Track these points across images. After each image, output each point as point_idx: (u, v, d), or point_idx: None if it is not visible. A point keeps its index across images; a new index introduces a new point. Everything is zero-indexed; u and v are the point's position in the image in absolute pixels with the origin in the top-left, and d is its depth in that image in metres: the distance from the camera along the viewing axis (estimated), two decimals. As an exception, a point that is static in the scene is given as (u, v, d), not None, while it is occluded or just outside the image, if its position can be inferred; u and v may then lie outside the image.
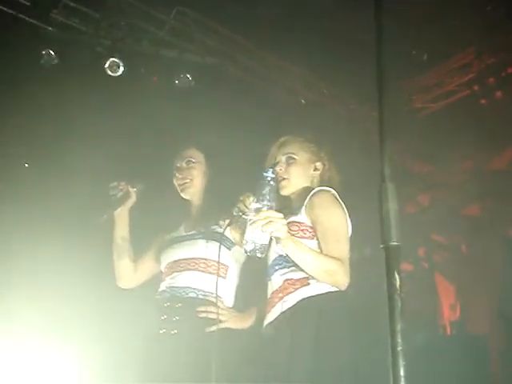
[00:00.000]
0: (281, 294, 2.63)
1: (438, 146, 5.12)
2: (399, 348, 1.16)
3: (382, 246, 1.26)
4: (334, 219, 2.64)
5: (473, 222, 5.52)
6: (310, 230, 2.66)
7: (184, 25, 4.57)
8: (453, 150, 5.16)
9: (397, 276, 1.20)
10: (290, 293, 2.60)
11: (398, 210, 2.18)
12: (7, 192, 4.35)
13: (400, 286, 1.20)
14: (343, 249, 2.55)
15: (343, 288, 2.52)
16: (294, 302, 2.57)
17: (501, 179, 5.19)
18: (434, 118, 5.09)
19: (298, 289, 2.58)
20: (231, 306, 3.00)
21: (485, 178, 5.30)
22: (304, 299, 2.56)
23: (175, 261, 3.06)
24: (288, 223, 2.50)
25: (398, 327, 1.18)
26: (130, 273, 3.23)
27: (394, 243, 1.25)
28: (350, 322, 2.55)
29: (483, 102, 4.81)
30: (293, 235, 2.54)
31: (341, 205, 2.69)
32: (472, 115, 4.89)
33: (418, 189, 5.67)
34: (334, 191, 2.73)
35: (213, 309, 2.84)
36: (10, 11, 4.26)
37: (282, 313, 2.60)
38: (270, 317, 2.66)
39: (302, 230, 2.66)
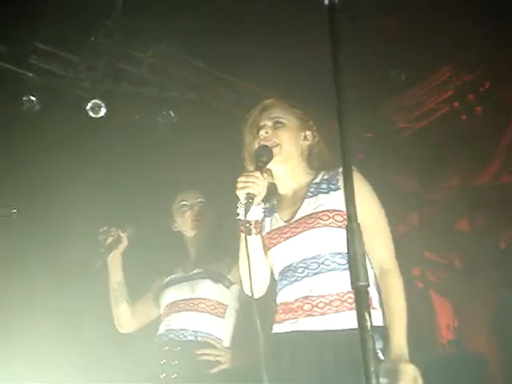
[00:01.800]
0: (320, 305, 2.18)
1: (423, 165, 5.14)
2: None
3: (351, 287, 1.26)
4: (379, 211, 2.27)
5: (464, 237, 5.52)
6: (345, 217, 2.13)
7: (162, 62, 4.60)
8: (438, 167, 5.19)
9: (367, 317, 1.20)
10: (338, 311, 2.16)
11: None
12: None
13: (371, 326, 1.19)
14: (391, 247, 2.23)
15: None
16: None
17: (487, 192, 5.21)
18: (417, 137, 5.11)
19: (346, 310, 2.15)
20: (229, 346, 2.98)
21: (471, 193, 5.31)
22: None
23: (174, 302, 3.05)
24: (323, 212, 2.23)
25: (372, 368, 1.17)
26: (128, 317, 3.22)
27: (363, 283, 1.25)
28: None
29: (464, 117, 4.84)
30: (339, 226, 2.21)
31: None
32: (454, 131, 4.92)
33: (406, 208, 5.68)
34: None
35: (212, 351, 2.83)
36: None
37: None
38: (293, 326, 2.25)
39: (344, 220, 2.19)
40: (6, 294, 4.12)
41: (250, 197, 2.21)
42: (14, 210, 4.78)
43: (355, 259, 1.26)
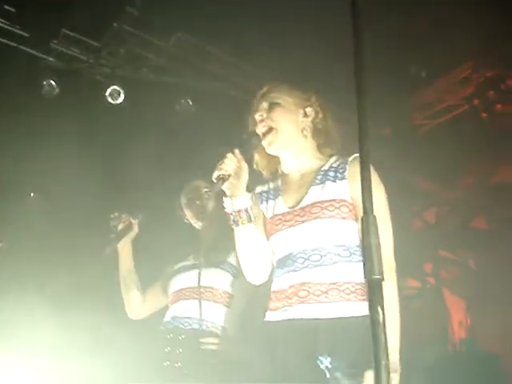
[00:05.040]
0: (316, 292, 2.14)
1: (441, 162, 5.09)
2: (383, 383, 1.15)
3: (364, 279, 1.26)
4: (383, 200, 2.19)
5: (479, 236, 5.49)
6: (351, 208, 2.20)
7: (183, 51, 4.60)
8: (455, 165, 5.15)
9: (380, 311, 1.19)
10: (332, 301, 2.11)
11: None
12: (11, 222, 4.39)
13: (383, 320, 1.19)
14: (388, 232, 2.14)
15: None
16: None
17: (504, 191, 5.17)
18: (435, 134, 5.07)
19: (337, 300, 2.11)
20: (234, 335, 2.98)
21: (488, 191, 5.27)
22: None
23: (181, 289, 3.05)
24: (329, 202, 2.19)
25: (383, 363, 1.16)
26: (138, 304, 3.23)
27: (377, 277, 1.24)
28: None
29: (484, 115, 4.79)
30: (344, 218, 2.18)
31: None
32: (473, 129, 4.88)
33: (422, 205, 5.65)
34: None
35: (216, 340, 2.83)
36: (11, 43, 4.31)
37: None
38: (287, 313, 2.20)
39: (351, 211, 2.19)
40: (18, 277, 4.17)
41: (221, 178, 2.16)
42: (32, 194, 4.86)
43: (370, 252, 1.25)
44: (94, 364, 3.84)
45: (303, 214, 2.25)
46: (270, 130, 2.32)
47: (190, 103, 4.70)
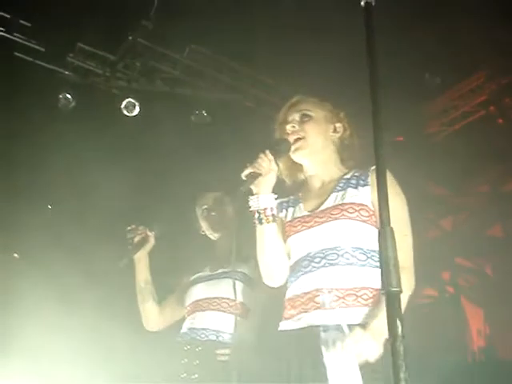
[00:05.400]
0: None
1: (456, 169, 5.07)
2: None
3: (382, 292, 1.26)
4: (402, 208, 2.21)
5: (496, 243, 5.45)
6: (375, 219, 2.21)
7: (197, 63, 4.64)
8: (471, 172, 5.13)
9: (398, 323, 1.19)
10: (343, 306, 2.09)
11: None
12: (30, 234, 4.43)
13: (402, 332, 1.19)
14: (408, 246, 2.16)
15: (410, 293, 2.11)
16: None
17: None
18: (450, 141, 5.06)
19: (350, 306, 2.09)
20: (252, 346, 2.97)
21: (504, 198, 5.23)
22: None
23: (198, 300, 3.06)
24: (349, 205, 2.20)
25: (402, 375, 1.16)
26: (155, 315, 3.23)
27: (395, 289, 1.24)
28: None
29: (499, 121, 4.77)
30: (364, 221, 2.19)
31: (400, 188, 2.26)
32: (488, 136, 4.86)
33: (438, 213, 5.62)
34: None
35: (232, 352, 2.82)
36: (27, 58, 4.37)
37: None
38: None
39: (370, 216, 2.21)
40: (35, 289, 4.20)
41: (252, 175, 2.20)
42: (49, 206, 4.90)
43: (387, 264, 1.25)
44: (111, 376, 3.85)
45: (322, 216, 2.26)
46: (301, 138, 2.36)
47: (205, 114, 4.73)
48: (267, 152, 2.25)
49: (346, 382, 1.87)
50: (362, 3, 1.56)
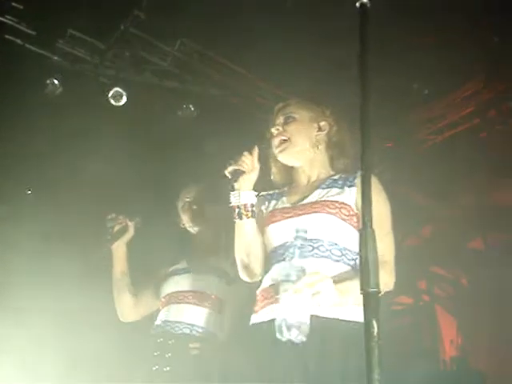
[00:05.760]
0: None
1: (441, 179, 5.11)
2: (375, 398, 1.15)
3: (360, 292, 1.26)
4: (384, 208, 2.26)
5: (474, 255, 5.49)
6: (355, 220, 2.25)
7: (187, 56, 4.61)
8: (455, 182, 5.16)
9: (375, 324, 1.19)
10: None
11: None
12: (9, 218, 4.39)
13: (378, 333, 1.19)
14: (390, 242, 2.21)
15: (390, 289, 2.15)
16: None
17: (503, 213, 5.17)
18: (436, 150, 5.08)
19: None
20: (224, 341, 2.97)
21: (487, 212, 5.27)
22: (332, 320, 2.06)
23: (173, 292, 3.05)
24: (331, 202, 2.24)
25: (376, 376, 1.16)
26: (130, 306, 3.22)
27: (373, 289, 1.24)
28: None
29: (483, 135, 4.81)
30: (343, 219, 2.22)
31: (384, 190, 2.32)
32: (473, 148, 4.89)
33: (419, 221, 5.65)
34: None
35: (206, 346, 2.82)
36: (17, 41, 4.32)
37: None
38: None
39: (351, 216, 2.24)
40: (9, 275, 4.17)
41: (237, 172, 2.26)
42: (29, 192, 4.86)
43: (366, 264, 1.26)
44: (82, 364, 3.83)
45: (303, 208, 2.30)
46: (285, 140, 2.43)
47: (192, 108, 4.72)
48: (254, 148, 2.31)
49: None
50: (358, 4, 1.56)
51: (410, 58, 4.26)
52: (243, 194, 2.30)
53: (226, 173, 2.28)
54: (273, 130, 2.47)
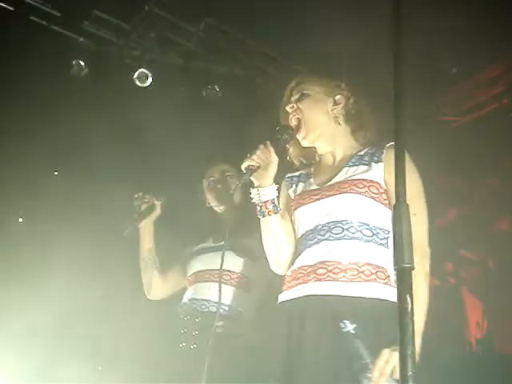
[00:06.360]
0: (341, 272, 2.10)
1: (467, 160, 5.04)
2: (409, 373, 1.14)
3: (394, 267, 1.24)
4: (418, 187, 2.20)
5: (502, 237, 5.42)
6: (385, 197, 2.21)
7: (212, 36, 4.60)
8: (481, 163, 5.09)
9: (408, 300, 1.18)
10: (360, 280, 2.09)
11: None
12: (35, 200, 4.43)
13: (412, 309, 1.17)
14: (425, 228, 2.16)
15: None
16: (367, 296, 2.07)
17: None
18: (462, 131, 5.02)
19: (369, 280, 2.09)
20: (251, 320, 2.97)
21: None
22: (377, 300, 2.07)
23: (199, 271, 3.06)
24: (359, 180, 2.20)
25: (409, 352, 1.15)
26: (157, 284, 3.24)
27: (407, 265, 1.22)
28: None
29: (512, 115, 4.75)
30: (373, 198, 2.18)
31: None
32: (501, 128, 4.82)
33: (445, 203, 5.59)
34: None
35: (232, 324, 2.82)
36: (43, 22, 4.34)
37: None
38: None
39: (380, 194, 2.20)
40: (40, 256, 4.21)
41: (250, 168, 2.22)
42: (56, 173, 4.89)
43: (401, 239, 1.24)
44: (111, 341, 3.87)
45: (331, 189, 2.27)
46: (298, 121, 2.37)
47: (217, 89, 4.71)
48: (267, 143, 2.26)
49: None
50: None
51: (438, 36, 4.19)
52: (263, 190, 2.27)
53: (242, 168, 2.24)
54: (287, 109, 2.42)
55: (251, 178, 2.26)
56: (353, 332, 2.02)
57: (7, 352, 3.72)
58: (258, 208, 2.30)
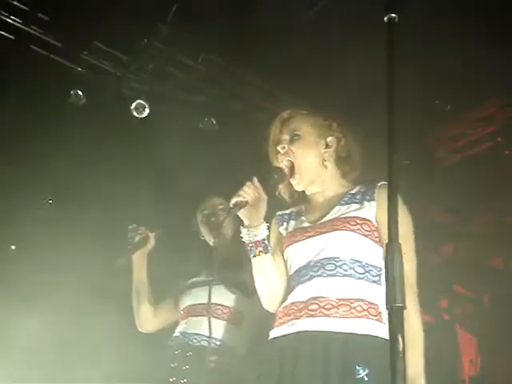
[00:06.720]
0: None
1: (462, 197, 5.06)
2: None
3: (386, 306, 1.24)
4: (408, 227, 2.19)
5: (496, 274, 5.42)
6: (377, 235, 2.23)
7: (210, 70, 4.63)
8: (476, 200, 5.11)
9: (400, 339, 1.18)
10: (350, 316, 2.09)
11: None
12: (28, 227, 4.42)
13: (403, 349, 1.17)
14: (414, 267, 2.17)
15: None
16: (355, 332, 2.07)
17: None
18: (457, 168, 5.05)
19: (360, 316, 2.09)
20: (243, 354, 2.95)
21: (508, 230, 5.20)
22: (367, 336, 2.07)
23: (192, 305, 3.05)
24: (352, 218, 2.21)
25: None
26: (149, 317, 3.23)
27: (398, 305, 1.22)
28: None
29: (507, 153, 4.76)
30: (365, 235, 2.19)
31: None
32: (495, 166, 4.85)
33: (440, 239, 5.60)
34: None
35: (224, 359, 2.80)
36: (43, 51, 4.38)
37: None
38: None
39: (372, 231, 2.22)
40: (29, 283, 4.19)
41: (238, 204, 2.20)
42: (50, 201, 4.89)
43: (393, 279, 1.24)
44: (99, 375, 3.82)
45: (324, 227, 2.27)
46: (293, 167, 2.36)
47: (214, 122, 4.73)
48: (254, 179, 2.25)
49: None
50: (386, 19, 1.55)
51: (432, 73, 4.24)
52: (253, 231, 2.27)
53: (230, 204, 2.22)
54: (278, 149, 2.40)
55: (242, 216, 2.25)
56: (366, 378, 2.00)
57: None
58: (249, 248, 2.29)
